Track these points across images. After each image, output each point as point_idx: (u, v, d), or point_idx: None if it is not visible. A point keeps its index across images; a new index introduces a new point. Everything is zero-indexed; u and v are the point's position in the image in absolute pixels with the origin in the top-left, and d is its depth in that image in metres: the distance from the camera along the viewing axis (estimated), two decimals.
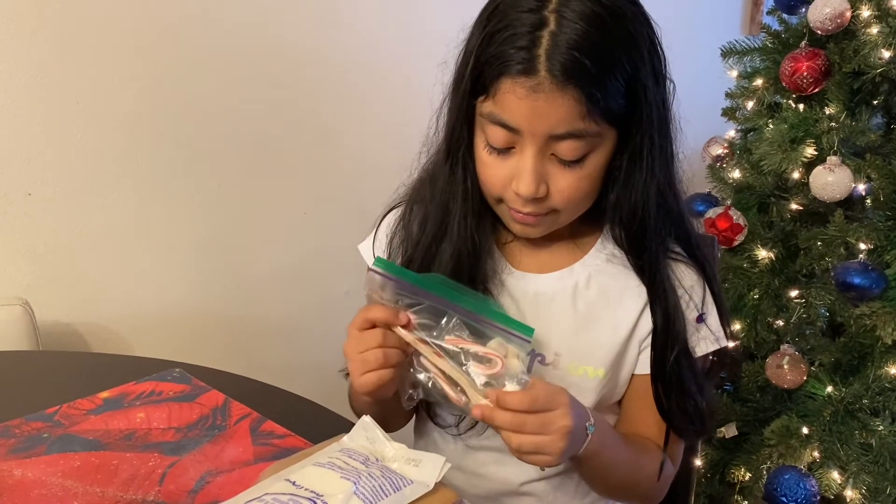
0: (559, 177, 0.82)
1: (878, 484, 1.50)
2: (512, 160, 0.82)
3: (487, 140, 0.83)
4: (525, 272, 0.94)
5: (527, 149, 0.80)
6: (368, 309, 0.80)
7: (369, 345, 0.79)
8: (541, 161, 0.81)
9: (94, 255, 1.58)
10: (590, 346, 0.92)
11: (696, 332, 0.94)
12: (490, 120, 0.81)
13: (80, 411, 0.92)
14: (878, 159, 1.52)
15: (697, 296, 0.94)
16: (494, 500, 0.98)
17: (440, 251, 0.90)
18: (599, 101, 0.77)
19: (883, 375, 1.51)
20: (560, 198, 0.83)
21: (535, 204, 0.84)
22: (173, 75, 1.60)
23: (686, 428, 0.94)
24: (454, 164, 0.89)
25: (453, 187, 0.89)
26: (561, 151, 0.80)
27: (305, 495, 0.65)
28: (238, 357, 1.48)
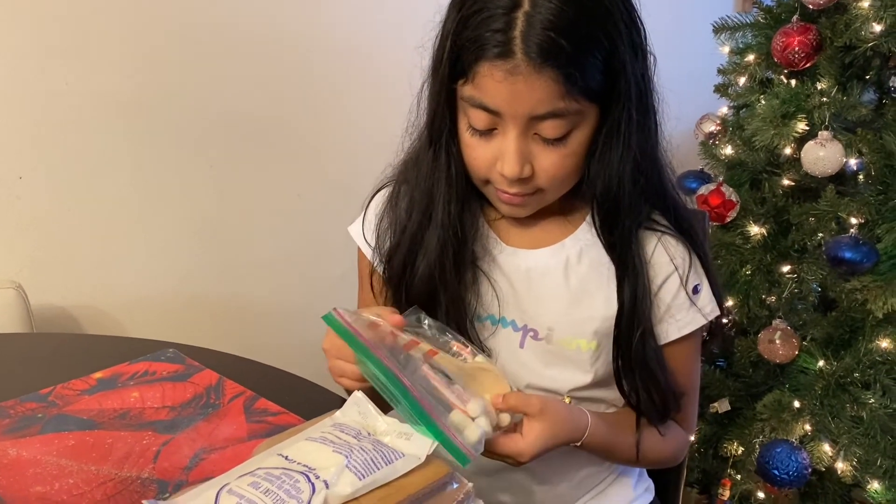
0: (543, 156, 0.82)
1: (869, 456, 1.51)
2: (495, 141, 0.82)
3: (470, 122, 0.83)
4: (516, 248, 0.94)
5: (509, 130, 0.80)
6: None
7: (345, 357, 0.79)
8: (524, 141, 0.81)
9: (87, 238, 1.58)
10: (583, 320, 0.92)
11: (692, 305, 0.94)
12: (471, 103, 0.81)
13: (74, 392, 0.93)
14: (869, 133, 1.52)
15: (688, 269, 0.94)
16: (489, 476, 0.98)
17: (426, 238, 0.90)
18: (578, 80, 0.77)
19: (874, 349, 1.52)
20: (545, 177, 0.84)
21: (521, 184, 0.84)
22: (166, 60, 1.60)
23: (650, 409, 0.93)
24: (437, 150, 0.88)
25: (437, 173, 0.89)
26: (543, 131, 0.80)
27: (298, 469, 0.66)
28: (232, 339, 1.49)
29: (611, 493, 1.04)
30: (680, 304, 0.94)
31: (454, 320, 0.90)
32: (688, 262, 0.94)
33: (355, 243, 1.01)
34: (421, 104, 0.91)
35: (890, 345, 1.51)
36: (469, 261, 0.91)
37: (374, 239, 0.96)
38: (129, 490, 0.75)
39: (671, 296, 0.93)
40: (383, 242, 0.96)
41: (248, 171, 1.75)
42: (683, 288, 0.93)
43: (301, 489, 0.63)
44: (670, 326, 0.94)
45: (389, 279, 0.95)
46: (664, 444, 0.96)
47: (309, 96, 1.79)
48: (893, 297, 1.46)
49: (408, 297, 0.91)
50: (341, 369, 0.80)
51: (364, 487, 0.65)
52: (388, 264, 0.95)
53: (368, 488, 0.65)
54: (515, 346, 0.93)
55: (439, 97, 0.85)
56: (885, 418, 1.51)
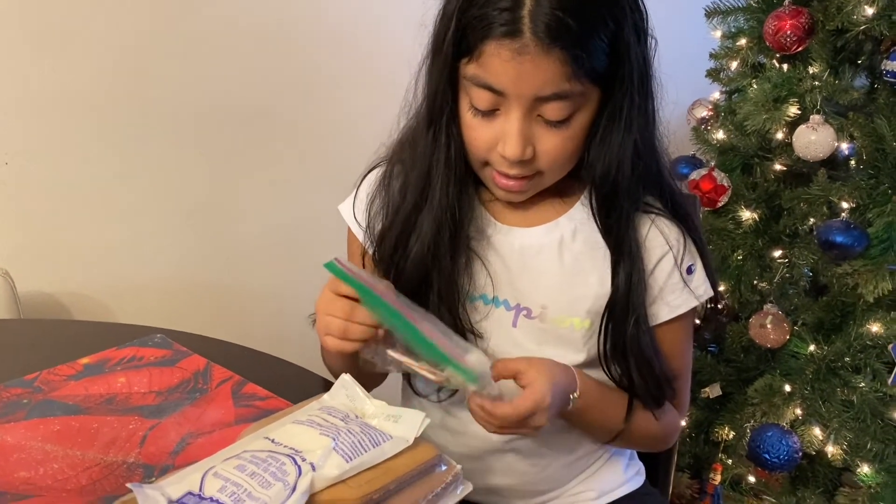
0: (545, 138, 0.82)
1: (859, 440, 1.52)
2: (497, 122, 0.82)
3: (472, 102, 0.82)
4: (510, 226, 0.93)
5: (512, 111, 0.80)
6: (335, 283, 0.81)
7: (335, 312, 0.80)
8: (527, 123, 0.80)
9: (74, 224, 1.56)
10: (576, 298, 0.91)
11: (685, 287, 0.94)
12: (474, 83, 0.80)
13: (60, 377, 0.92)
14: (860, 117, 1.52)
15: (682, 250, 0.94)
16: (479, 458, 0.98)
17: (420, 220, 0.90)
18: (584, 62, 0.77)
19: (864, 333, 1.52)
20: (546, 159, 0.83)
21: (521, 166, 0.83)
22: (153, 43, 1.58)
23: (644, 394, 0.93)
24: (437, 131, 0.87)
25: (436, 154, 0.88)
26: (547, 112, 0.80)
27: (284, 452, 0.65)
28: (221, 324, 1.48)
29: (601, 476, 1.04)
30: (673, 285, 0.94)
31: (446, 303, 0.89)
32: (682, 243, 0.93)
33: (345, 227, 1.00)
34: (419, 84, 0.89)
35: (880, 329, 1.51)
36: (464, 243, 0.91)
37: (366, 219, 0.96)
38: (114, 475, 0.74)
39: (665, 276, 0.93)
40: (374, 223, 0.95)
41: (237, 157, 1.74)
42: (678, 268, 0.93)
43: (287, 471, 0.63)
44: (662, 308, 0.94)
45: (380, 260, 0.94)
46: (653, 423, 0.96)
47: (298, 81, 1.78)
48: (884, 281, 1.46)
49: (399, 278, 0.91)
50: (329, 325, 0.80)
51: (351, 470, 0.64)
52: (379, 245, 0.94)
53: (356, 470, 0.65)
54: (508, 326, 0.92)
55: (441, 76, 0.84)
56: (875, 402, 1.51)
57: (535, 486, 1.00)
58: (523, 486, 1.00)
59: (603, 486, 1.04)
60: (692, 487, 1.84)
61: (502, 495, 1.01)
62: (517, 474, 0.99)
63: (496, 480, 0.99)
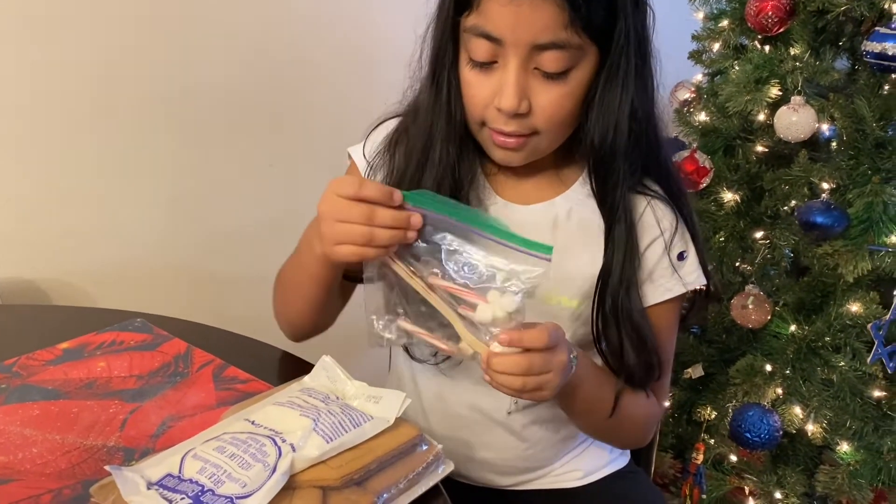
0: (542, 92, 0.81)
1: (839, 418, 1.54)
2: (495, 76, 0.81)
3: (470, 55, 0.82)
4: (509, 202, 0.93)
5: (510, 61, 0.80)
6: (357, 184, 0.74)
7: (354, 218, 0.74)
8: (524, 74, 0.80)
9: (55, 210, 1.55)
10: (566, 277, 0.91)
11: (674, 273, 0.94)
12: (473, 33, 0.80)
13: (39, 362, 0.91)
14: (841, 98, 1.53)
15: (674, 236, 0.94)
16: (470, 430, 0.99)
17: (423, 180, 0.89)
18: (581, 9, 0.77)
19: (844, 313, 1.54)
20: (543, 115, 0.82)
21: (518, 122, 0.82)
22: (134, 30, 1.56)
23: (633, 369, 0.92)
24: (439, 85, 0.87)
25: (437, 108, 0.88)
26: (544, 63, 0.79)
27: (264, 433, 0.65)
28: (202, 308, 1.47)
29: (586, 456, 1.06)
30: (662, 270, 0.94)
31: None
32: (674, 227, 0.94)
33: None
34: (424, 49, 0.90)
35: (860, 308, 1.52)
36: None
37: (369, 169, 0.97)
38: (94, 458, 0.74)
39: (654, 259, 0.93)
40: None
41: (218, 141, 1.72)
42: (667, 254, 0.93)
43: (267, 453, 0.63)
44: (650, 290, 0.94)
45: None
46: (640, 406, 0.96)
47: (281, 63, 1.76)
48: (864, 261, 1.48)
49: None
50: (348, 233, 0.74)
51: (332, 450, 0.64)
52: None
53: (336, 451, 0.65)
54: None
55: (443, 33, 0.85)
56: (855, 381, 1.53)
57: (523, 462, 1.01)
58: (511, 461, 1.01)
59: (588, 466, 1.05)
60: (675, 467, 1.86)
61: (489, 470, 1.02)
62: (507, 449, 0.99)
63: (485, 454, 1.00)
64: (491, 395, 0.96)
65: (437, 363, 0.96)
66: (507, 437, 0.99)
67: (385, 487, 0.64)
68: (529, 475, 1.03)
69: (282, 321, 1.00)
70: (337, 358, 0.79)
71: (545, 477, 1.04)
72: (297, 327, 0.99)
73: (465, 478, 1.04)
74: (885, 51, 1.41)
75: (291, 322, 0.99)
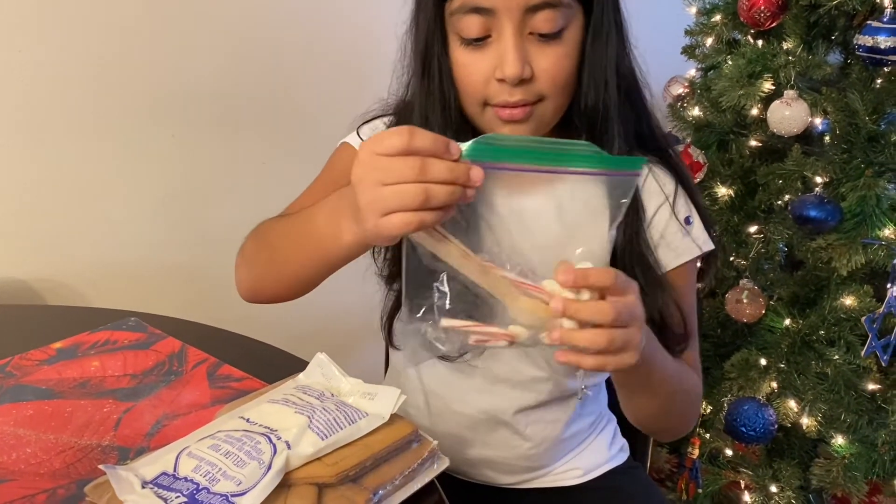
0: (541, 55, 0.81)
1: (833, 411, 1.54)
2: (491, 49, 0.81)
3: (462, 36, 0.82)
4: (510, 189, 0.92)
5: (505, 29, 0.79)
6: (405, 133, 0.62)
7: (404, 175, 0.61)
8: (520, 40, 0.80)
9: (48, 209, 1.54)
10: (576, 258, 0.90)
11: (686, 235, 0.92)
12: (462, 11, 0.80)
13: (33, 362, 0.91)
14: (833, 92, 1.53)
15: (681, 200, 0.93)
16: (474, 428, 0.98)
17: None
18: None
19: (838, 306, 1.54)
20: (546, 78, 0.82)
21: (523, 89, 0.82)
22: (127, 26, 1.55)
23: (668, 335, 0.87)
24: (430, 75, 0.86)
25: (430, 99, 0.87)
26: (538, 25, 0.79)
27: (259, 431, 0.65)
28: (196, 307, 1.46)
29: (586, 455, 1.05)
30: (674, 232, 0.92)
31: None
32: (676, 192, 0.93)
33: None
34: (408, 49, 0.89)
35: (854, 302, 1.53)
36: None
37: None
38: (88, 458, 0.74)
39: (663, 224, 0.92)
40: None
41: (211, 139, 1.72)
42: (674, 216, 0.92)
43: (262, 450, 0.62)
44: (665, 255, 0.92)
45: None
46: (691, 378, 0.91)
47: (270, 61, 1.76)
48: (857, 254, 1.48)
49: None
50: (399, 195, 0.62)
51: (327, 447, 0.64)
52: None
53: (331, 448, 0.64)
54: None
55: (428, 21, 0.84)
56: (849, 374, 1.54)
57: (526, 461, 1.01)
58: (514, 460, 1.00)
59: (588, 464, 1.05)
60: (671, 462, 1.86)
61: (491, 469, 1.02)
62: (510, 447, 0.99)
63: (487, 453, 1.00)
64: (496, 394, 0.97)
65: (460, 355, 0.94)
66: (510, 436, 0.99)
67: (380, 484, 0.64)
68: (531, 474, 1.03)
69: (250, 281, 0.91)
70: (331, 355, 0.79)
71: (546, 476, 1.04)
72: (267, 295, 0.90)
73: (465, 475, 1.03)
74: (877, 44, 1.41)
75: (265, 289, 0.90)
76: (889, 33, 1.40)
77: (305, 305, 0.91)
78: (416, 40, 0.88)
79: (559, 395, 0.98)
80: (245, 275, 0.92)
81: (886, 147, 1.48)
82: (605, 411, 1.09)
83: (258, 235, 0.92)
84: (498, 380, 0.96)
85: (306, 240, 0.79)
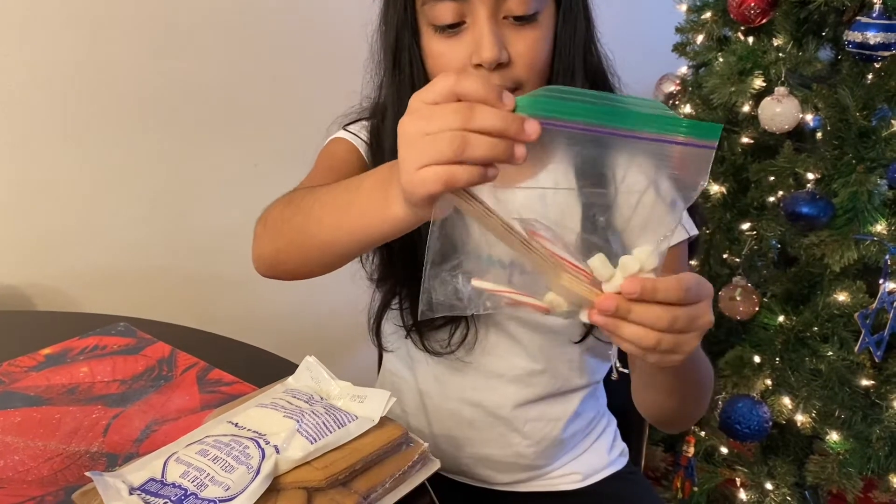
0: (517, 39, 0.81)
1: (827, 408, 1.54)
2: (465, 36, 0.81)
3: (435, 24, 0.81)
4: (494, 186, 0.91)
5: (479, 14, 0.79)
6: (451, 76, 0.56)
7: (446, 122, 0.55)
8: (495, 25, 0.80)
9: (36, 214, 1.53)
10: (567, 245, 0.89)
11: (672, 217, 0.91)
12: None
13: (21, 368, 0.90)
14: (824, 89, 1.52)
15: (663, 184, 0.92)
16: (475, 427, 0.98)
17: None
18: None
19: (831, 303, 1.54)
20: (522, 63, 0.81)
21: (500, 74, 0.81)
22: (115, 29, 1.54)
23: None
24: (401, 69, 0.86)
25: (402, 93, 0.86)
26: (513, 8, 0.79)
27: (247, 435, 0.65)
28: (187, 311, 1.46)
29: (586, 458, 1.05)
30: (661, 215, 0.89)
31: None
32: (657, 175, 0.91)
33: None
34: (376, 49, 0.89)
35: (847, 298, 1.53)
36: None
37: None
38: (77, 464, 0.73)
39: (649, 206, 0.90)
40: None
41: (202, 142, 1.71)
42: (660, 199, 0.90)
43: (251, 455, 0.62)
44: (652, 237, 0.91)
45: None
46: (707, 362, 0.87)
47: (260, 62, 1.75)
48: (849, 250, 1.48)
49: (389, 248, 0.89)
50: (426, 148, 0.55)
51: (316, 451, 0.64)
52: None
53: (321, 452, 0.64)
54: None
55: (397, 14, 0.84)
56: (843, 370, 1.53)
57: (524, 459, 1.00)
58: (512, 458, 1.00)
59: (587, 469, 1.04)
60: (666, 460, 1.86)
61: (489, 467, 1.01)
62: (509, 446, 0.99)
63: (485, 451, 0.99)
64: (493, 390, 0.96)
65: (451, 350, 0.93)
66: (508, 433, 0.98)
67: (371, 487, 0.64)
68: (529, 473, 1.02)
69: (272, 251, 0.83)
70: (323, 356, 0.78)
71: (543, 479, 1.03)
72: (289, 268, 0.82)
73: (462, 475, 1.03)
74: (867, 40, 1.41)
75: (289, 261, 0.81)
76: (878, 29, 1.40)
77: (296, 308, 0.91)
78: (385, 35, 0.87)
79: (556, 390, 0.97)
80: (267, 244, 0.83)
81: (877, 143, 1.48)
82: (605, 412, 1.09)
83: (289, 202, 0.83)
84: (493, 375, 0.96)
85: (348, 208, 0.70)
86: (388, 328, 1.01)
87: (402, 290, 0.93)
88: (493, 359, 0.95)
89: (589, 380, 1.00)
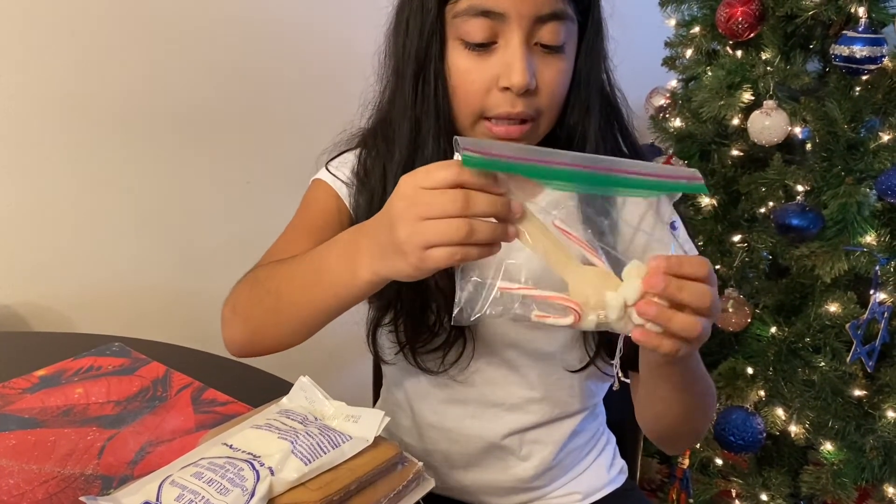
0: (544, 67, 0.81)
1: (821, 418, 1.55)
2: (495, 57, 0.80)
3: (466, 40, 0.80)
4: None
5: (513, 36, 0.78)
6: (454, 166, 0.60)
7: (446, 209, 0.59)
8: (528, 50, 0.79)
9: (30, 233, 1.53)
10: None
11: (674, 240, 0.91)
12: (470, 14, 0.79)
13: (15, 391, 0.90)
14: (812, 101, 1.54)
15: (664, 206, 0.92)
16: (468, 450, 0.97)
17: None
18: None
19: (823, 313, 1.55)
20: (547, 91, 0.81)
21: (525, 101, 0.80)
22: (105, 45, 1.55)
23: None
24: (426, 81, 0.83)
25: (424, 106, 0.84)
26: (545, 36, 0.79)
27: (242, 457, 0.65)
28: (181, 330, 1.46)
29: (586, 478, 1.03)
30: (659, 238, 0.87)
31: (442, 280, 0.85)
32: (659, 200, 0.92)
33: None
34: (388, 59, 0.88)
35: (838, 308, 1.54)
36: None
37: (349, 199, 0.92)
38: (71, 487, 0.73)
39: (649, 228, 0.89)
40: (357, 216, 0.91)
41: (194, 159, 1.71)
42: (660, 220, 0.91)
43: (245, 477, 0.62)
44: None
45: None
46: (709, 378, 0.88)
47: (251, 79, 1.76)
48: (840, 261, 1.49)
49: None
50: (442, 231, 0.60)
51: (311, 472, 0.64)
52: None
53: (315, 472, 0.64)
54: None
55: (424, 24, 0.82)
56: (836, 381, 1.54)
57: (521, 483, 0.99)
58: (509, 482, 0.98)
59: (587, 489, 1.03)
60: (661, 472, 1.86)
61: (487, 492, 1.00)
62: (505, 469, 0.98)
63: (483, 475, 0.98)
64: (491, 419, 0.95)
65: (444, 369, 0.92)
66: (507, 458, 0.97)
67: None
68: (528, 495, 1.00)
69: (246, 334, 0.85)
70: (317, 373, 0.79)
71: (543, 499, 1.01)
72: (266, 345, 0.84)
73: (459, 497, 1.02)
74: (853, 54, 1.43)
75: (265, 340, 0.84)
76: (864, 43, 1.42)
77: None
78: (405, 45, 0.85)
79: (556, 416, 0.97)
80: (239, 328, 0.85)
81: (866, 154, 1.50)
82: (604, 430, 1.08)
83: (254, 284, 0.86)
84: (491, 404, 0.95)
85: (316, 281, 0.74)
86: (385, 342, 1.01)
87: (393, 307, 0.93)
88: (492, 388, 0.94)
89: (588, 403, 0.99)
